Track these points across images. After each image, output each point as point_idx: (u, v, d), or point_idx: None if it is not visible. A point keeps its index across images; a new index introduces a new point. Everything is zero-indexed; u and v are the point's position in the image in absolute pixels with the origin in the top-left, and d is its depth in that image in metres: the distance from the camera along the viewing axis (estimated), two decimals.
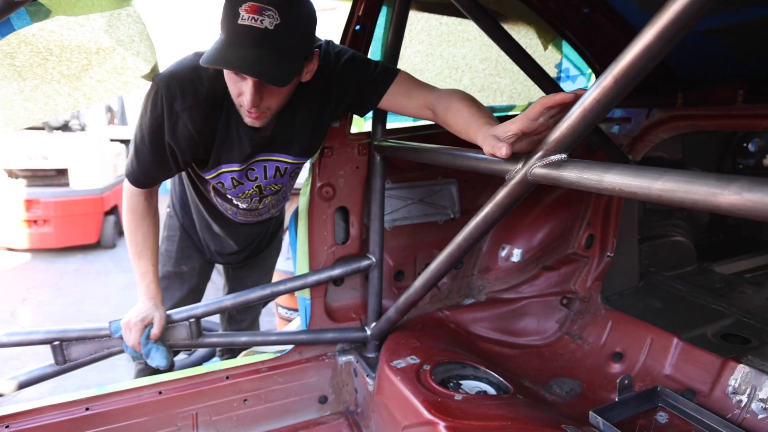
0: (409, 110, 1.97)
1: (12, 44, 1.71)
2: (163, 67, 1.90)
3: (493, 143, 1.38)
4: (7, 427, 2.01)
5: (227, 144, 1.95)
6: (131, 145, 1.96)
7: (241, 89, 1.68)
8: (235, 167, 2.03)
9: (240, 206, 2.31)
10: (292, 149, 2.08)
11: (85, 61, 1.86)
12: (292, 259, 4.36)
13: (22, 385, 2.05)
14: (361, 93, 2.01)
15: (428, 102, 1.89)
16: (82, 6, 1.76)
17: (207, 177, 2.10)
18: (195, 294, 2.83)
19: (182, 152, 1.92)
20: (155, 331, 2.06)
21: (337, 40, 2.20)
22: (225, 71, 1.69)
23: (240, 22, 1.52)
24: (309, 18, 1.68)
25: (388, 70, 1.99)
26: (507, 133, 1.35)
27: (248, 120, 1.78)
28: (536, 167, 1.29)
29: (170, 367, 2.15)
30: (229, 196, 2.23)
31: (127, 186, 2.05)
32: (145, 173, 1.98)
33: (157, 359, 2.07)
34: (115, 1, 1.85)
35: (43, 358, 4.45)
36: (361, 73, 1.97)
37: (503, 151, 1.32)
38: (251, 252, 2.82)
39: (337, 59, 1.96)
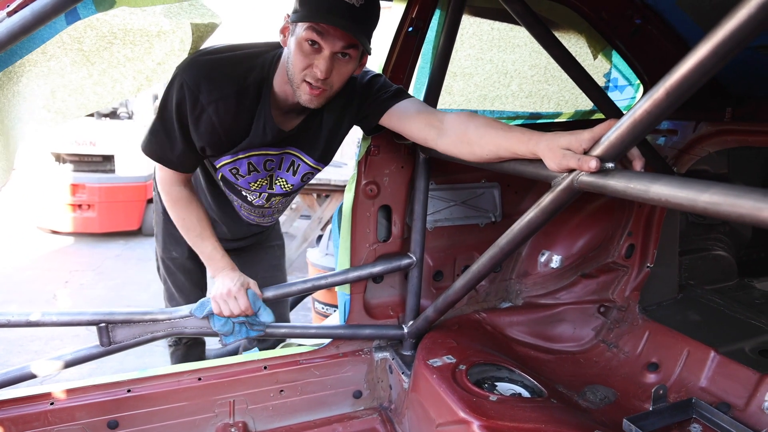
0: (409, 130, 1.99)
1: (78, 30, 1.78)
2: None
3: (569, 156, 1.33)
4: (51, 404, 2.08)
5: (254, 134, 2.01)
6: (156, 132, 1.98)
7: (312, 61, 1.75)
8: (255, 152, 2.08)
9: (248, 198, 2.32)
10: (315, 152, 2.16)
11: (148, 44, 1.93)
12: (331, 255, 4.44)
13: (69, 364, 2.09)
14: (369, 108, 2.07)
15: (433, 121, 1.90)
16: None
17: (221, 164, 2.13)
18: (194, 277, 2.82)
19: (200, 141, 1.96)
20: (256, 289, 2.13)
21: (388, 41, 2.25)
22: (299, 42, 1.74)
23: None
24: (379, 11, 1.82)
25: (398, 93, 2.05)
26: (582, 143, 1.31)
27: (306, 97, 1.83)
28: (583, 175, 1.30)
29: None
30: (239, 187, 2.25)
31: (162, 178, 2.09)
32: (178, 157, 2.02)
33: (267, 315, 2.16)
34: None
35: (83, 339, 4.59)
36: (376, 91, 2.05)
37: (593, 164, 1.26)
38: (244, 244, 2.79)
39: (363, 76, 2.08)
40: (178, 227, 2.15)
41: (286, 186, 2.27)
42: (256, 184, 2.23)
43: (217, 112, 1.88)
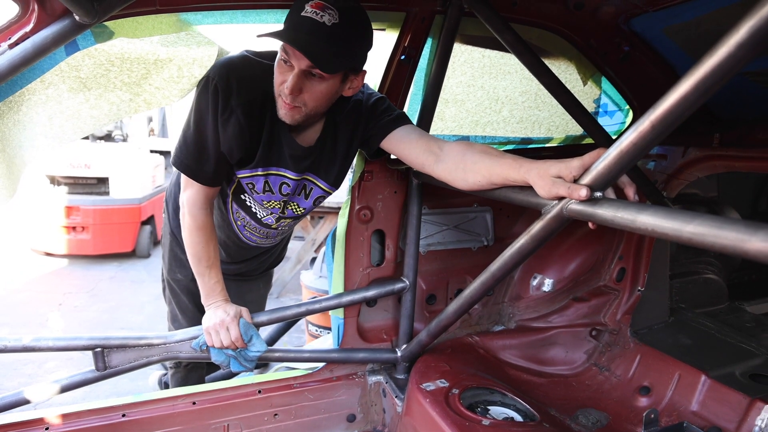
0: (408, 154, 2.02)
1: (77, 59, 1.81)
2: None
3: (559, 184, 1.36)
4: (47, 429, 2.08)
5: (275, 147, 2.03)
6: (188, 143, 1.99)
7: (285, 77, 1.77)
8: (286, 173, 2.10)
9: (258, 215, 2.30)
10: (329, 176, 2.18)
11: (144, 71, 1.96)
12: (325, 278, 4.44)
13: (64, 389, 2.11)
14: (372, 130, 2.09)
15: (432, 147, 1.93)
16: (143, 29, 1.86)
17: (242, 175, 2.12)
18: (197, 299, 2.70)
19: (228, 148, 1.97)
20: (248, 318, 2.16)
21: (381, 68, 2.28)
22: (278, 58, 1.78)
23: (303, 14, 1.68)
24: (365, 33, 1.83)
25: (400, 117, 2.08)
26: (572, 171, 1.34)
27: (282, 112, 1.85)
28: (572, 203, 1.33)
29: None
30: (251, 201, 2.24)
31: (191, 199, 2.08)
32: (210, 170, 2.02)
33: (259, 343, 2.16)
34: (175, 25, 1.94)
35: (77, 362, 4.56)
36: (380, 114, 2.08)
37: (583, 192, 1.30)
38: (244, 269, 2.79)
39: (369, 98, 2.10)
40: (189, 253, 2.15)
41: (298, 210, 2.29)
42: (269, 204, 2.23)
43: (245, 115, 1.90)
